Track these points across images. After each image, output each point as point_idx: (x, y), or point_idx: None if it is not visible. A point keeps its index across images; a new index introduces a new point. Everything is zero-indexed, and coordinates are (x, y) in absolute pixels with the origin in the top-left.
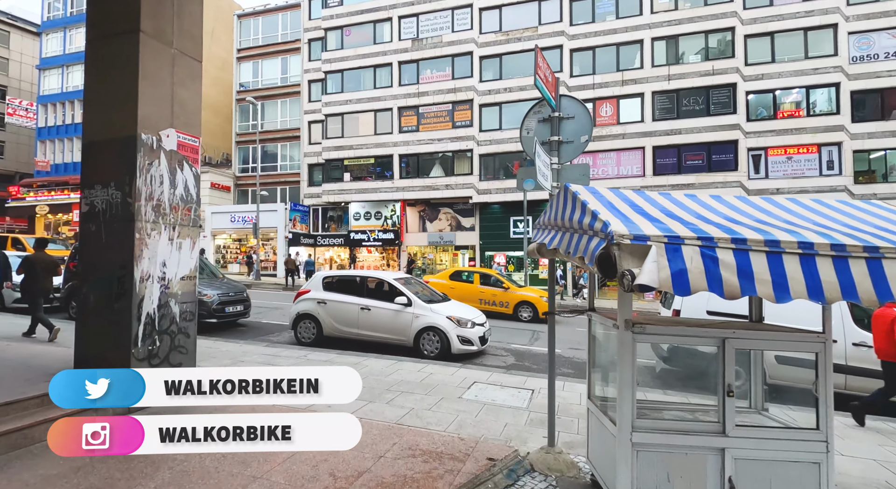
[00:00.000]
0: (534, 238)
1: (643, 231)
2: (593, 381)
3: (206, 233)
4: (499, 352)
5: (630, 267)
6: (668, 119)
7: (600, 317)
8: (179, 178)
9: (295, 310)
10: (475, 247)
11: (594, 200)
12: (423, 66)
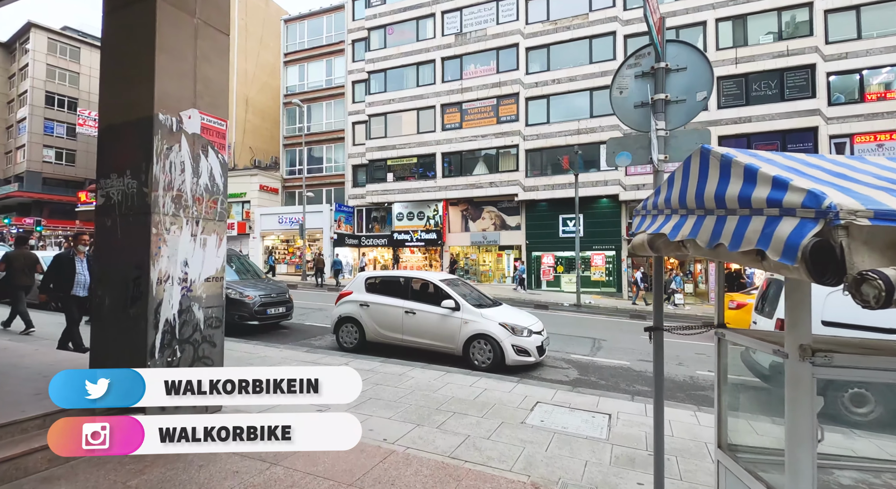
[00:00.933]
0: (637, 228)
1: (889, 205)
2: (726, 424)
3: (256, 234)
4: (558, 364)
5: (874, 265)
6: (737, 106)
7: (745, 338)
8: (203, 165)
9: (337, 313)
10: (521, 248)
11: (766, 163)
12: (467, 61)
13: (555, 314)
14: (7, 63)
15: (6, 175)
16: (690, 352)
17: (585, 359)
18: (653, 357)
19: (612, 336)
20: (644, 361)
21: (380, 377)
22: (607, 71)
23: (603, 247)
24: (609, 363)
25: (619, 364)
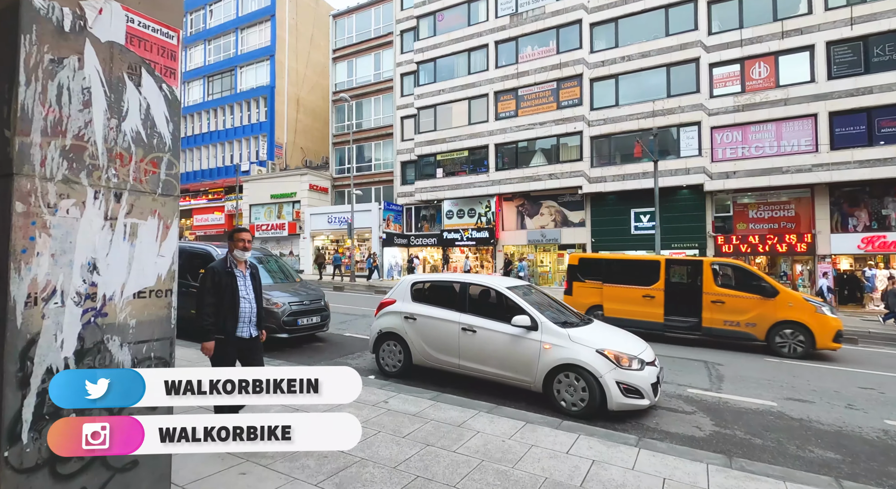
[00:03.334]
0: None
1: None
2: None
3: (306, 234)
4: (677, 405)
5: None
6: (852, 75)
7: None
8: (132, 99)
9: (376, 328)
10: (585, 246)
11: None
12: (523, 44)
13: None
14: None
15: None
16: (847, 382)
17: (710, 397)
18: None
19: (725, 358)
20: (796, 400)
21: (429, 429)
22: (688, 43)
23: (684, 245)
24: (747, 404)
25: (763, 405)
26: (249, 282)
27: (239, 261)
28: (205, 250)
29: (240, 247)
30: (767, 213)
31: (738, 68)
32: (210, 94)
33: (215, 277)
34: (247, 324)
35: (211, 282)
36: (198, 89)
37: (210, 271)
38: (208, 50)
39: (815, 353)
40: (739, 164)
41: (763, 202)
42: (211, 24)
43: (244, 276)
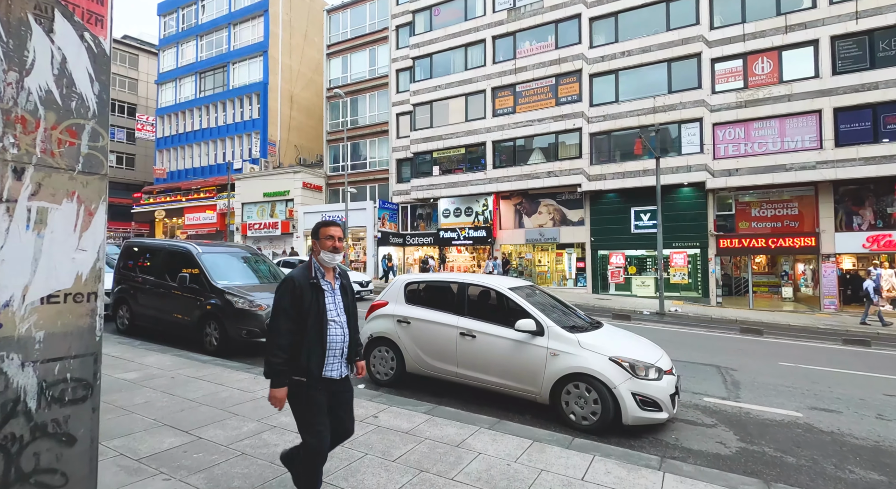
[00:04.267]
0: None
1: None
2: None
3: (299, 233)
4: (696, 417)
5: None
6: (857, 71)
7: None
8: (39, 48)
9: (367, 332)
10: (584, 245)
11: None
12: (521, 38)
13: (640, 326)
14: None
15: None
16: (870, 389)
17: (730, 407)
18: None
19: (737, 361)
20: (822, 410)
21: (424, 451)
22: (689, 38)
23: (684, 244)
24: (770, 414)
25: (788, 416)
26: (340, 297)
27: (327, 269)
28: (184, 248)
29: (328, 247)
30: (770, 212)
31: (740, 63)
32: (202, 90)
33: (295, 292)
34: (338, 358)
35: (290, 299)
36: (189, 86)
37: (288, 284)
38: (200, 46)
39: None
40: (742, 162)
41: (766, 200)
42: (203, 19)
43: (333, 291)
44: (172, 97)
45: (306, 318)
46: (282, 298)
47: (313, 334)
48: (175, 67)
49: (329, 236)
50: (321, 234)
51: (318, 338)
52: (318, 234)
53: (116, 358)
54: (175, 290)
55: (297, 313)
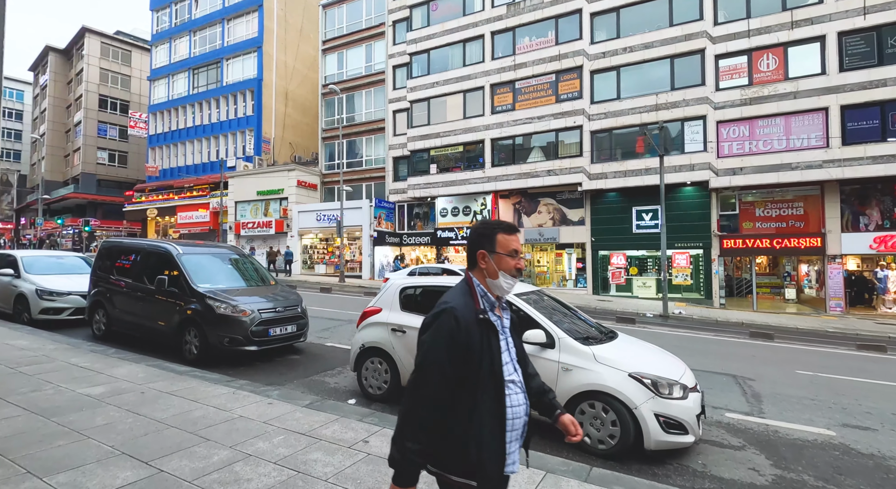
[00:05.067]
0: None
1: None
2: None
3: (294, 232)
4: (720, 437)
5: None
6: (865, 68)
7: None
8: None
9: (358, 342)
10: (584, 246)
11: None
12: (521, 34)
13: (645, 330)
14: (65, 69)
15: (65, 177)
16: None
17: (755, 424)
18: None
19: (752, 369)
20: (854, 427)
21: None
22: (692, 34)
23: (687, 244)
24: (801, 433)
25: (820, 435)
26: (512, 340)
27: (498, 297)
28: (163, 249)
29: (510, 266)
30: (775, 212)
31: (745, 60)
32: (195, 86)
33: (459, 336)
34: (518, 441)
35: (450, 347)
36: (182, 82)
37: (446, 322)
38: (194, 41)
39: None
40: (746, 160)
41: (770, 200)
42: (196, 14)
43: (504, 330)
44: (165, 93)
45: (474, 378)
46: (436, 345)
47: (486, 404)
48: (168, 63)
49: (513, 251)
50: (501, 244)
51: (494, 410)
52: (495, 243)
53: (84, 369)
54: (153, 294)
55: (459, 370)
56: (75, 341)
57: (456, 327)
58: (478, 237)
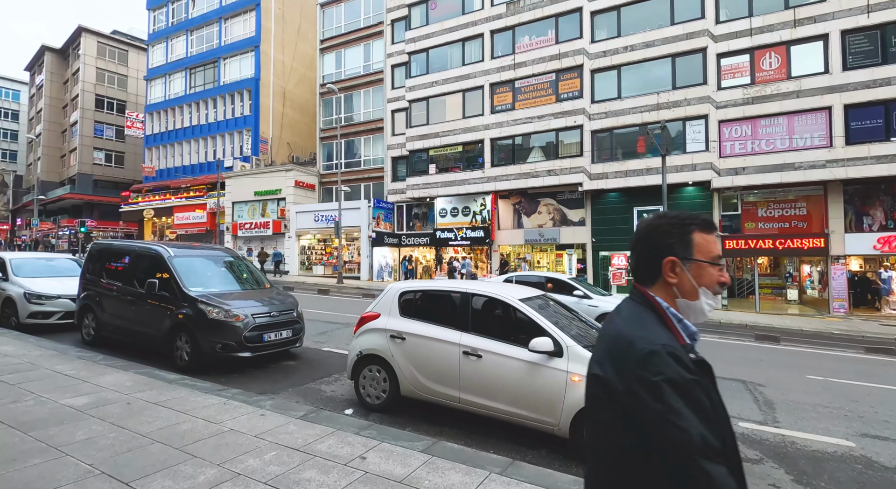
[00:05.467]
0: None
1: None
2: None
3: (291, 233)
4: None
5: None
6: (869, 66)
7: None
8: None
9: (355, 349)
10: (585, 246)
11: None
12: (520, 33)
13: None
14: (62, 69)
15: (62, 178)
16: None
17: (771, 435)
18: None
19: (762, 374)
20: (874, 438)
21: None
22: (694, 32)
23: None
24: (819, 444)
25: (840, 446)
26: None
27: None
28: (154, 251)
29: (713, 279)
30: (777, 212)
31: (747, 59)
32: (192, 86)
33: (694, 392)
34: None
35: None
36: (179, 81)
37: (674, 371)
38: (191, 41)
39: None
40: (749, 160)
41: (773, 200)
42: (193, 13)
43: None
44: (162, 93)
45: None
46: (684, 416)
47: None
48: (165, 63)
49: (716, 256)
50: (699, 247)
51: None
52: (691, 245)
53: (70, 377)
54: (143, 298)
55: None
56: (63, 347)
57: (689, 378)
58: (662, 237)
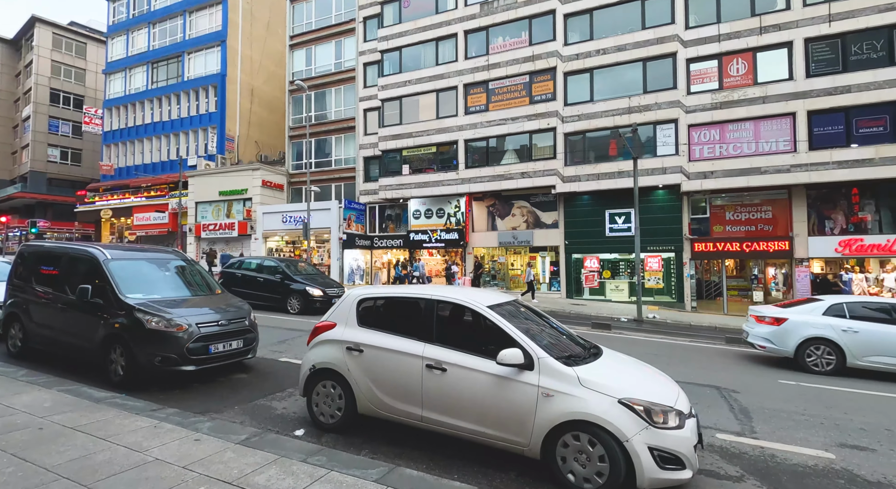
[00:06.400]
0: None
1: None
2: None
3: (258, 234)
4: (713, 464)
5: None
6: (831, 74)
7: None
8: None
9: (308, 362)
10: (558, 249)
11: None
12: (494, 34)
13: (621, 337)
14: (13, 61)
15: (12, 176)
16: (891, 415)
17: (749, 447)
18: None
19: (735, 380)
20: (853, 448)
21: None
22: (665, 37)
23: (659, 248)
24: (798, 456)
25: (820, 459)
26: None
27: None
28: (88, 254)
29: None
30: (744, 215)
31: (715, 64)
32: (154, 81)
33: None
34: None
35: None
36: (141, 76)
37: None
38: (153, 34)
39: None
40: (717, 164)
41: (740, 204)
42: (156, 5)
43: None
44: (122, 88)
45: None
46: None
47: None
48: (125, 56)
49: None
50: None
51: None
52: None
53: None
54: (75, 306)
55: None
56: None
57: None
58: None
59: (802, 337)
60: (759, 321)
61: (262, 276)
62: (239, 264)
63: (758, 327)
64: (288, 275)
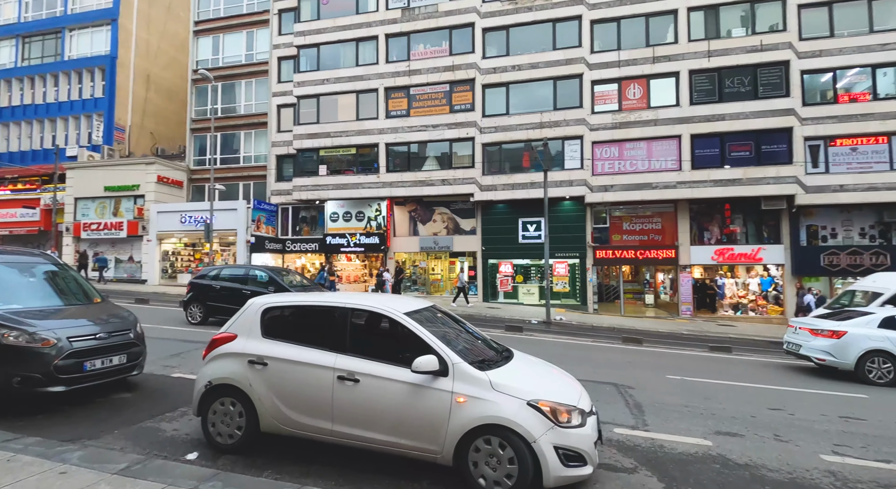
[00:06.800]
0: None
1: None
2: None
3: (151, 236)
4: (611, 458)
5: None
6: (709, 102)
7: None
8: None
9: (204, 378)
10: (476, 254)
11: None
12: (415, 40)
13: (531, 338)
14: None
15: None
16: (755, 402)
17: (642, 439)
18: None
19: (631, 376)
20: (726, 435)
21: None
22: (573, 58)
23: (566, 254)
24: (682, 445)
25: (700, 447)
26: None
27: None
28: None
29: None
30: (639, 226)
31: (615, 87)
32: (26, 58)
33: None
34: None
35: None
36: (8, 51)
37: None
38: (25, 4)
39: None
40: (616, 179)
41: (635, 215)
42: None
43: None
44: None
45: None
46: None
47: None
48: None
49: None
50: None
51: None
52: None
53: None
54: None
55: None
56: None
57: None
58: None
59: (862, 349)
60: (816, 334)
61: (248, 288)
62: (216, 274)
63: (814, 340)
64: (283, 286)
